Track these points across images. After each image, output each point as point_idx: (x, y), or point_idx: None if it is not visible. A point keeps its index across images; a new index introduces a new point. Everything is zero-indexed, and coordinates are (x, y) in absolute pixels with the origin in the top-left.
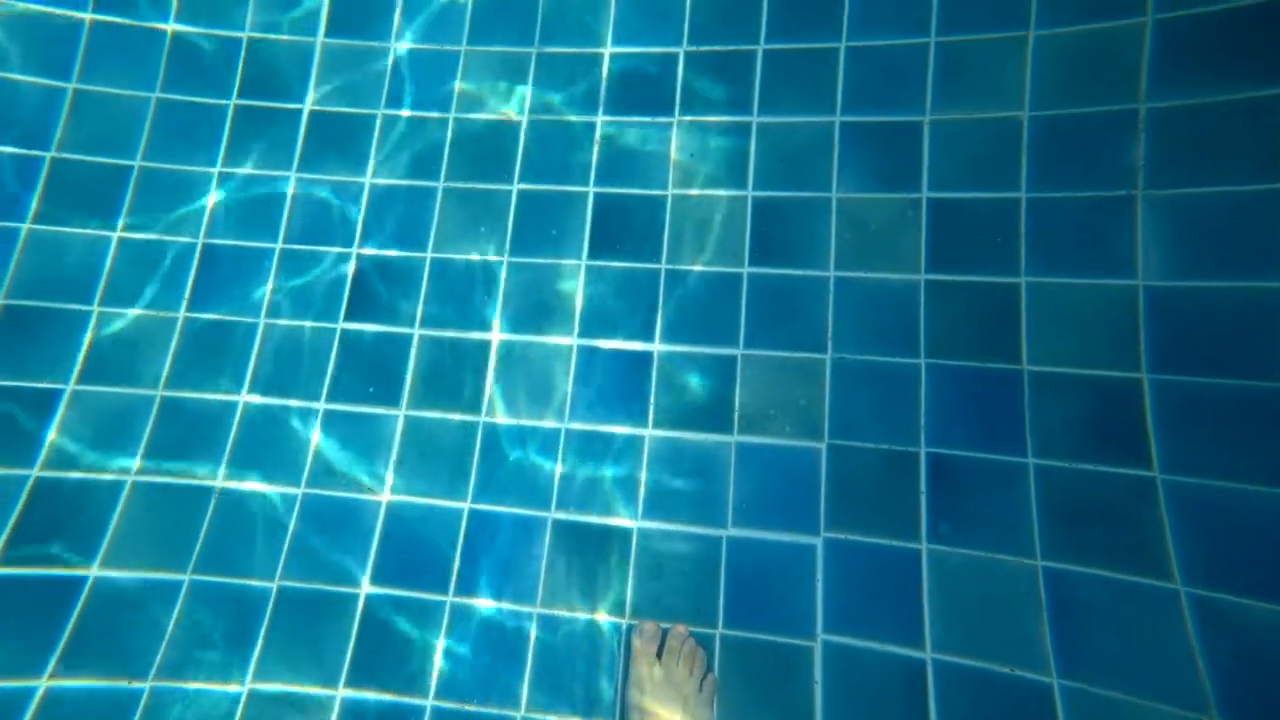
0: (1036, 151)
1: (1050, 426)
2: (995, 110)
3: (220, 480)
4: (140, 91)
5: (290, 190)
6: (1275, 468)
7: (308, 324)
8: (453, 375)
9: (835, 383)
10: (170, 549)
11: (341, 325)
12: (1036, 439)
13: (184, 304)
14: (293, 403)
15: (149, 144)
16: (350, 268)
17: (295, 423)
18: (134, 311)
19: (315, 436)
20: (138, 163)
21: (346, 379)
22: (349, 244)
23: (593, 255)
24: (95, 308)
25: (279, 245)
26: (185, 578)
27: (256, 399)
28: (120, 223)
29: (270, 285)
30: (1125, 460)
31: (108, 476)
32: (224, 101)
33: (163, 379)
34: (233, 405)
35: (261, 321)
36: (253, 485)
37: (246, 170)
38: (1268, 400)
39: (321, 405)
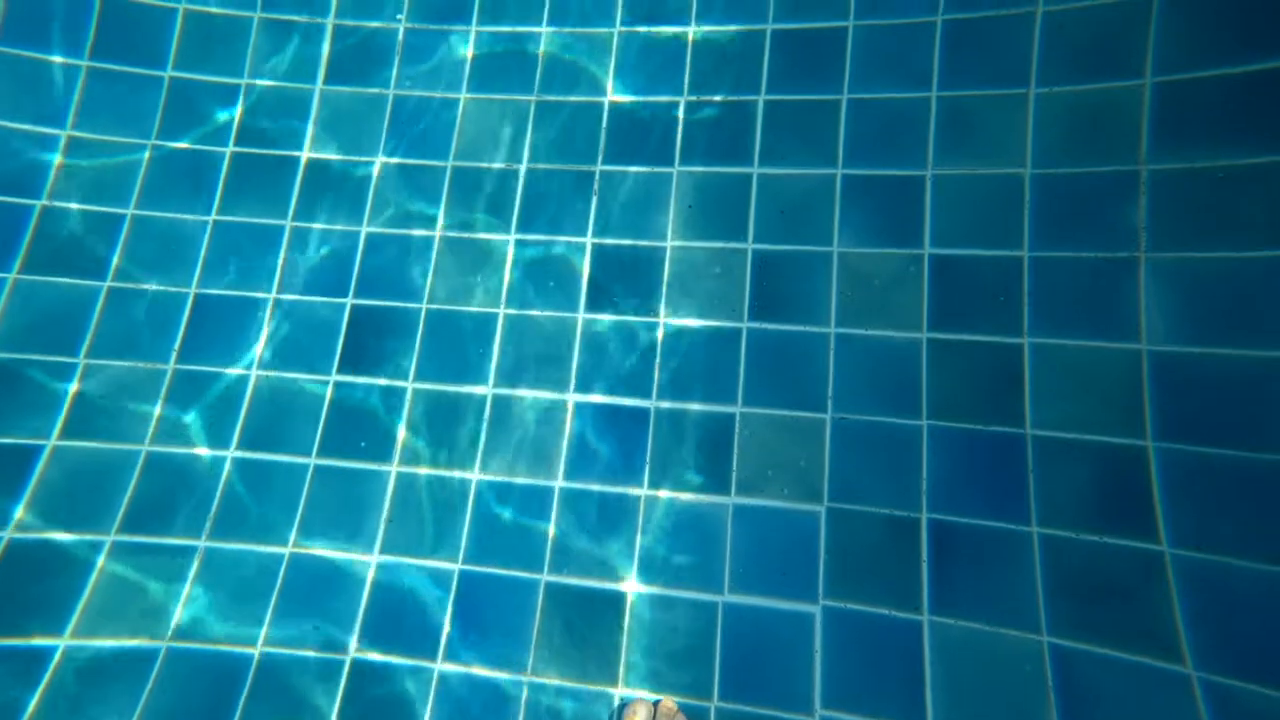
0: (1039, 209)
1: (1055, 494)
2: (997, 166)
3: (204, 540)
4: (137, 139)
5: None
6: None
7: (302, 376)
8: (446, 428)
9: (835, 443)
10: (150, 619)
11: (335, 378)
12: (1041, 507)
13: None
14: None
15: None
16: (345, 317)
17: (282, 477)
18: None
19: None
20: (130, 212)
21: (338, 433)
22: (343, 294)
23: (590, 308)
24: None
25: (272, 295)
26: (162, 645)
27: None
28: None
29: (263, 336)
30: (1133, 532)
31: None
32: (221, 149)
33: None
34: (220, 460)
35: (254, 373)
36: (236, 544)
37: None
38: (1272, 472)
39: (313, 460)
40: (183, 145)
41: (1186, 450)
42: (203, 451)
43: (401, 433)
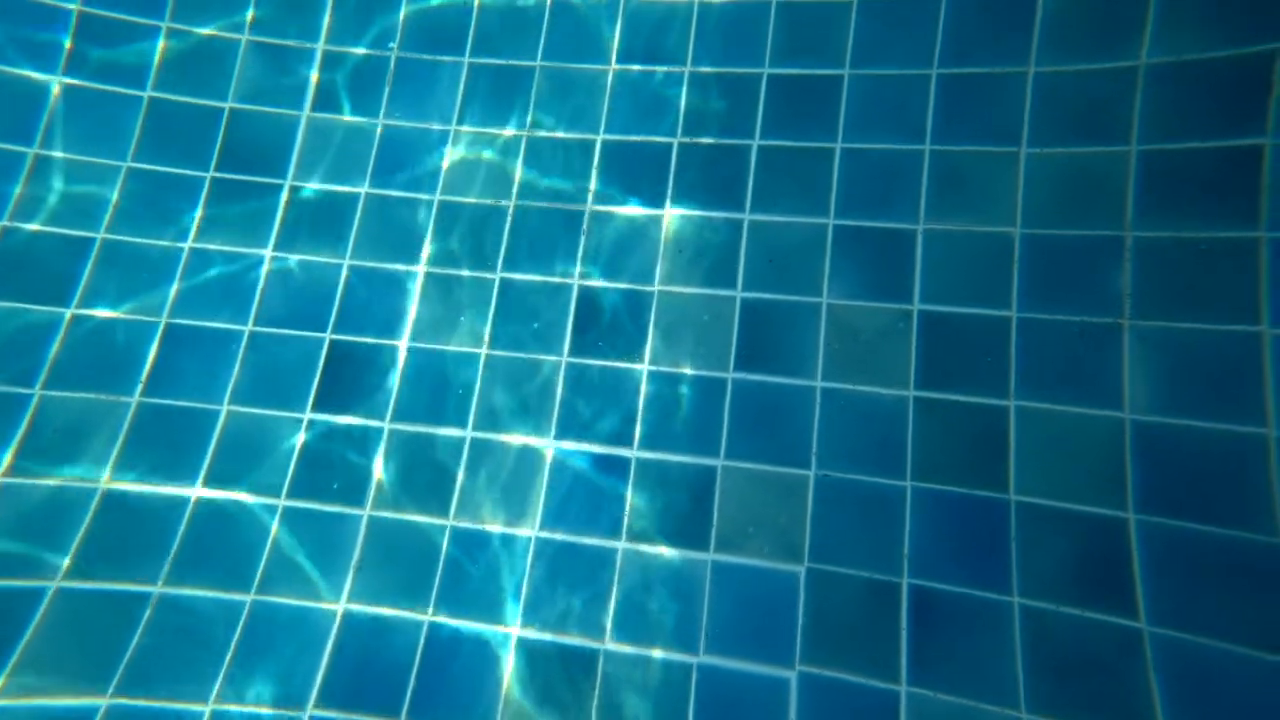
0: (1027, 269)
1: (1037, 563)
2: (988, 224)
3: (160, 585)
4: (115, 160)
5: (265, 269)
6: (1263, 627)
7: (273, 411)
8: (422, 474)
9: (818, 501)
10: (92, 665)
11: (309, 415)
12: (1023, 576)
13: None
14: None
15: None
16: (322, 353)
17: (250, 521)
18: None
19: (274, 532)
20: (101, 234)
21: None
22: (322, 328)
23: (575, 352)
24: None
25: (248, 328)
26: (104, 702)
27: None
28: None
29: (237, 366)
30: (1112, 607)
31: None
32: (202, 173)
33: (109, 467)
34: (183, 501)
35: (225, 408)
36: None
37: (216, 246)
38: (1251, 552)
39: (282, 501)
40: (160, 168)
41: (1167, 524)
42: (166, 490)
43: (376, 474)
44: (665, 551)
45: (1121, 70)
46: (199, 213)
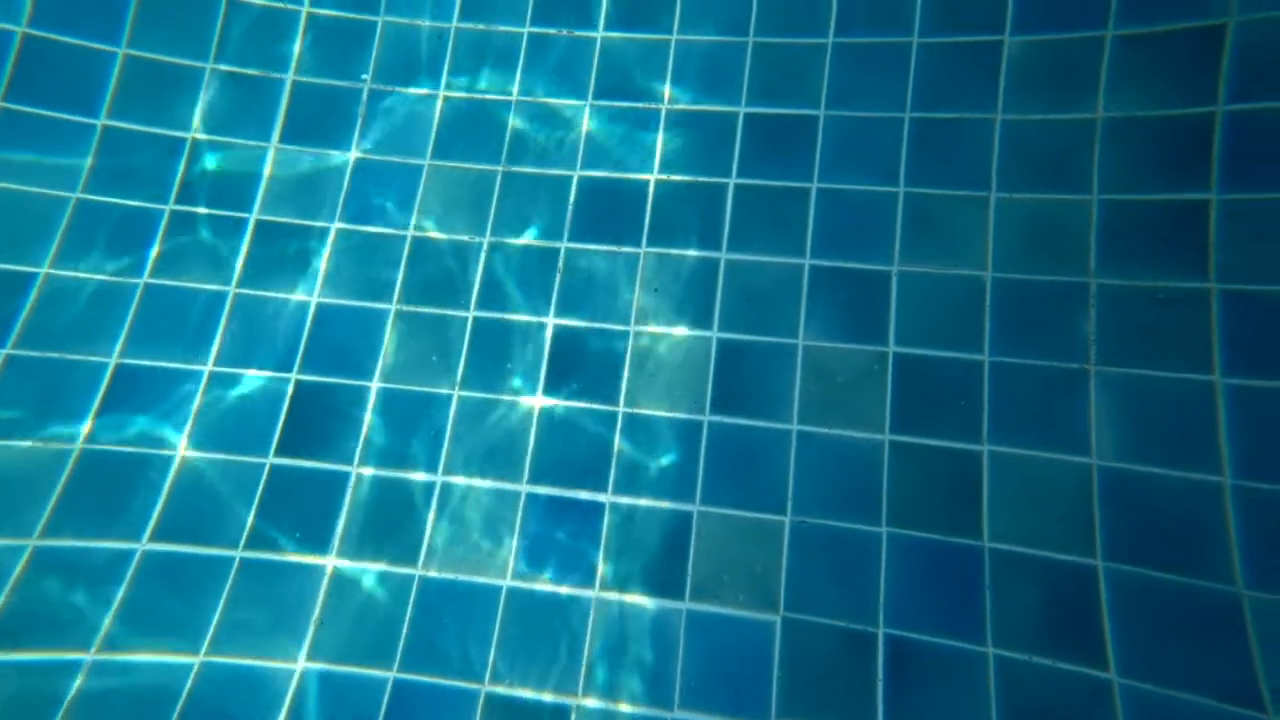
0: (999, 313)
1: (1010, 612)
2: (960, 267)
3: (95, 652)
4: (62, 191)
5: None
6: (1226, 678)
7: (232, 456)
8: (391, 520)
9: (793, 548)
10: None
11: (272, 460)
12: (996, 626)
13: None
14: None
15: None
16: (288, 393)
17: (206, 574)
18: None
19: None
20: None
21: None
22: (287, 368)
23: (549, 393)
24: None
25: (208, 367)
26: None
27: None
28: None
29: (195, 405)
30: (1082, 657)
31: None
32: (162, 206)
33: (42, 522)
34: (130, 553)
35: (179, 455)
36: (140, 655)
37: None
38: (1211, 601)
39: (239, 553)
40: (131, 203)
41: (1134, 572)
42: (112, 544)
43: (343, 521)
44: (641, 601)
45: (1081, 122)
46: (155, 248)
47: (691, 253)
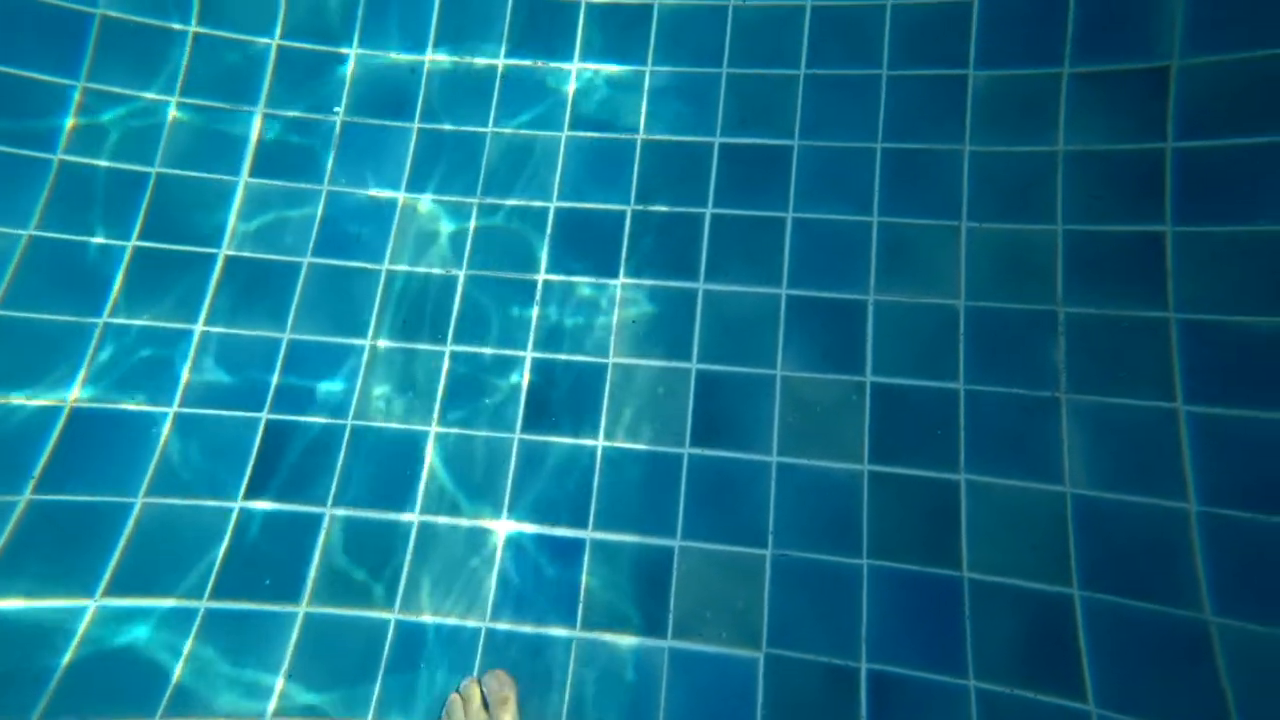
0: (972, 341)
1: (990, 644)
2: (934, 296)
3: None
4: (15, 229)
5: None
6: (1198, 708)
7: (201, 501)
8: (367, 562)
9: (775, 583)
10: None
11: (240, 504)
12: (977, 658)
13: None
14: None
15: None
16: (259, 432)
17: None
18: None
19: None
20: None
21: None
22: (258, 408)
23: (527, 428)
24: None
25: (174, 409)
26: None
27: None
28: None
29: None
30: (1061, 689)
31: None
32: (125, 243)
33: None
34: (81, 610)
35: (140, 501)
36: None
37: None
38: (1180, 629)
39: (204, 604)
40: (82, 238)
41: (1108, 601)
42: (65, 602)
43: (315, 566)
44: (622, 639)
45: (1045, 154)
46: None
47: (669, 283)
